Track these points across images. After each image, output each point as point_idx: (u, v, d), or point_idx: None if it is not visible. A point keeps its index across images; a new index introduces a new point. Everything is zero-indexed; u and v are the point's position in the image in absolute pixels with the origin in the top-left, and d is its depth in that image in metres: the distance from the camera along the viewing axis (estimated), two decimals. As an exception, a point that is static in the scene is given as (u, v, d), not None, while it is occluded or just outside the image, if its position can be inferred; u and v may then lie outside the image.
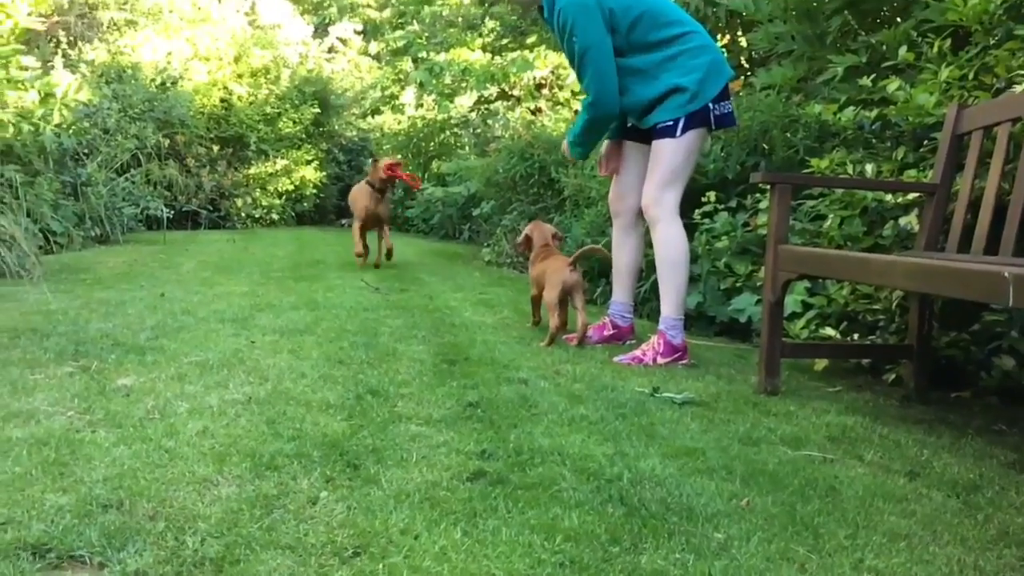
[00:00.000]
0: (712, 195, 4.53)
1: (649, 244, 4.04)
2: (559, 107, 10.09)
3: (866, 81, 3.90)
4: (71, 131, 7.12)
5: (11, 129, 6.37)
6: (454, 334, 3.98)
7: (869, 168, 3.67)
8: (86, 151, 7.65)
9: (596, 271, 5.46)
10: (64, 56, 9.02)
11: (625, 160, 4.03)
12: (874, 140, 4.02)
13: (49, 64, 7.84)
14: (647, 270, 4.59)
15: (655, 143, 3.70)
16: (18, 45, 6.82)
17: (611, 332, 4.05)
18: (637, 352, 3.66)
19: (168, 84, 10.11)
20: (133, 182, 8.80)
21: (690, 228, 4.69)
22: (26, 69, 6.93)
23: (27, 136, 6.55)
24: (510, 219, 7.84)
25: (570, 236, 5.88)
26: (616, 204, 4.06)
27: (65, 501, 1.78)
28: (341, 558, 1.60)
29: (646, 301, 4.75)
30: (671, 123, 3.63)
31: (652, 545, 1.73)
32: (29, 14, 7.39)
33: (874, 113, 3.88)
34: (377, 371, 3.15)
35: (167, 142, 10.00)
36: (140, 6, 10.88)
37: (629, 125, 3.97)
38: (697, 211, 4.51)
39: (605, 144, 4.10)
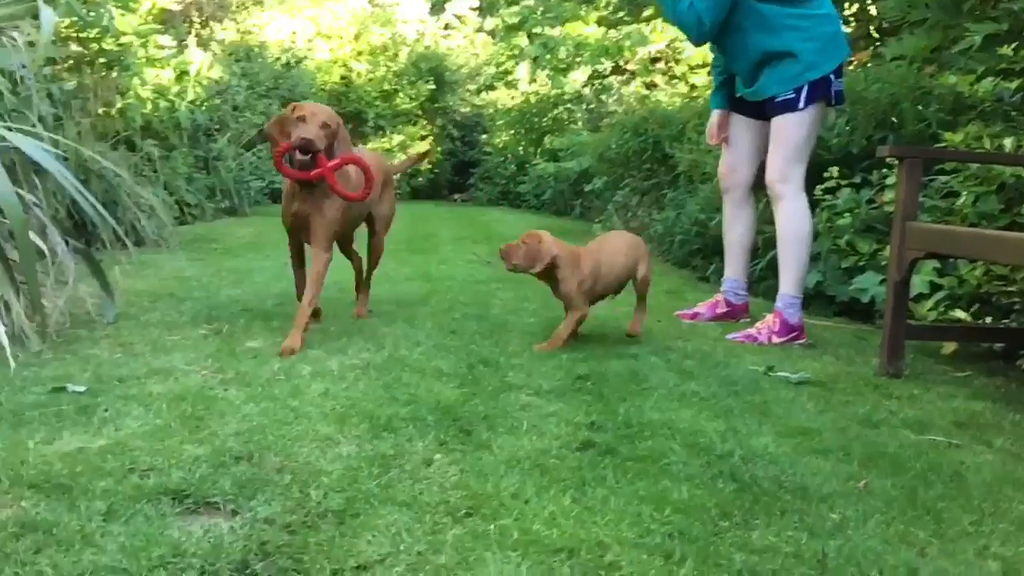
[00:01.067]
0: (835, 171, 4.36)
1: (768, 220, 3.94)
2: (675, 81, 9.91)
3: (1007, 50, 3.67)
4: (203, 107, 7.48)
5: (149, 105, 6.74)
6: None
7: (1008, 142, 3.46)
8: (216, 127, 8.02)
9: (709, 248, 5.37)
10: (197, 35, 9.46)
11: (734, 134, 3.95)
12: (1014, 112, 3.78)
13: (183, 43, 8.24)
14: (763, 247, 4.48)
15: (777, 119, 3.60)
16: (156, 25, 7.22)
17: (724, 310, 3.99)
18: (751, 330, 3.59)
19: (292, 63, 10.45)
20: (259, 157, 9.17)
21: (811, 204, 4.55)
22: (163, 48, 7.32)
23: (164, 112, 6.92)
24: (622, 195, 7.77)
25: (684, 213, 5.80)
26: (726, 179, 3.98)
27: (201, 452, 1.90)
28: (454, 517, 1.65)
29: (762, 279, 4.64)
30: (792, 95, 3.53)
31: (764, 522, 1.71)
32: (166, -5, 7.80)
33: (1015, 84, 3.66)
34: (488, 342, 3.21)
35: (290, 118, 10.35)
36: (267, -14, 11.29)
37: (738, 96, 3.88)
38: (819, 187, 4.36)
39: (715, 114, 4.02)
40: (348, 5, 12.71)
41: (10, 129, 3.33)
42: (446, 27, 15.82)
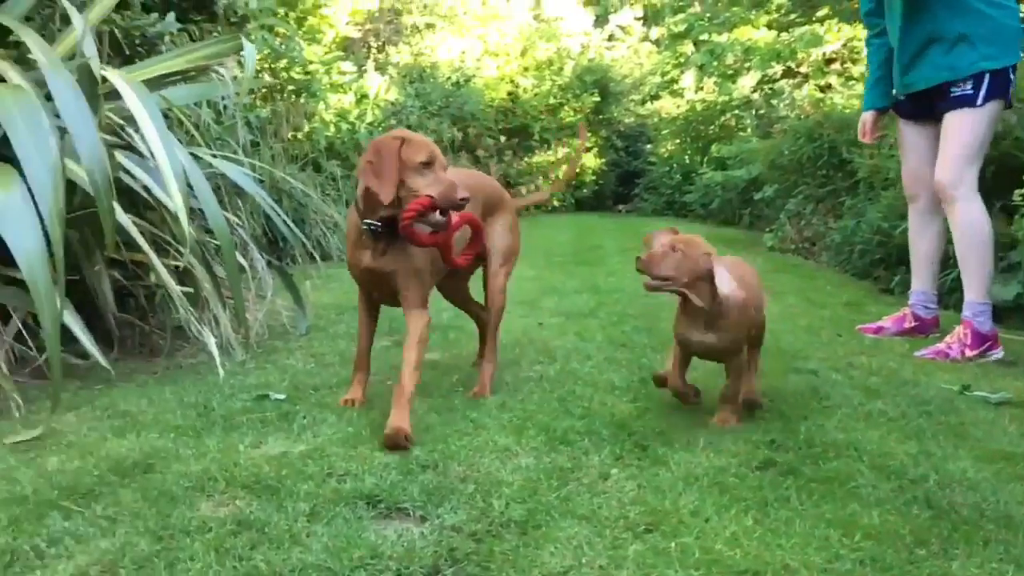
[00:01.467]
0: (1037, 174, 4.03)
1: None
2: (852, 83, 9.45)
3: None
4: (381, 128, 7.86)
5: (332, 128, 7.17)
6: (738, 321, 3.91)
7: None
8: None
9: (893, 258, 5.09)
10: (375, 60, 9.98)
11: (908, 141, 3.75)
12: None
13: (363, 68, 8.71)
14: (954, 256, 4.19)
15: (951, 115, 3.40)
16: (339, 52, 7.67)
17: (912, 324, 3.77)
18: (941, 345, 3.38)
19: (462, 82, 10.80)
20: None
21: (1010, 210, 4.23)
22: (345, 74, 7.77)
23: (345, 134, 7.34)
24: (795, 203, 7.51)
25: (864, 220, 5.53)
26: (912, 187, 3.77)
27: (390, 460, 2.01)
28: (634, 533, 1.66)
29: (953, 291, 4.34)
30: (971, 90, 3.33)
31: (964, 552, 1.62)
32: (347, 23, 8.28)
33: None
34: (659, 355, 3.19)
35: (460, 135, 10.69)
36: (438, 9, 11.72)
37: (899, 97, 3.69)
38: (1018, 191, 4.04)
39: (868, 114, 3.87)
40: (514, 22, 13.01)
41: (215, 156, 3.65)
42: (610, 38, 15.86)
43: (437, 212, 2.27)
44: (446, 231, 2.34)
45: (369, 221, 2.34)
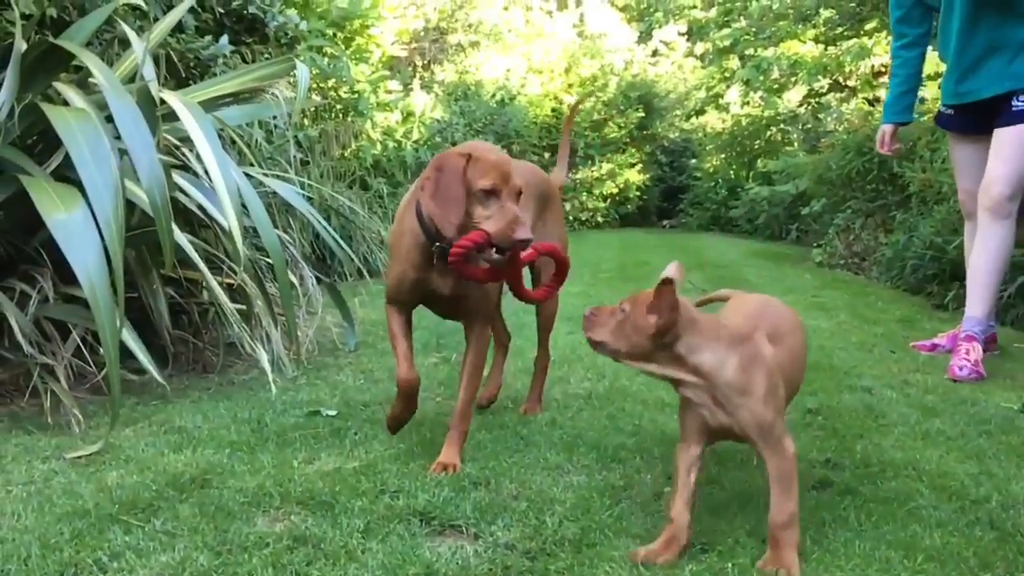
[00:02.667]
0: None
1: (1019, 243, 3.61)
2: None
3: None
4: (426, 146, 7.93)
5: (379, 147, 7.25)
6: (788, 338, 3.85)
7: None
8: (437, 164, 8.50)
9: (947, 273, 4.98)
10: (420, 78, 10.08)
11: (961, 157, 3.63)
12: None
13: (408, 87, 8.80)
14: (1012, 272, 4.09)
15: (1013, 129, 3.27)
16: (385, 71, 7.76)
17: None
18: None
19: (506, 99, 10.86)
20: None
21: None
22: (391, 92, 7.86)
23: (391, 152, 7.41)
24: (844, 217, 7.40)
25: (917, 235, 5.43)
26: (970, 204, 3.62)
27: (443, 477, 2.02)
28: (689, 553, 1.64)
29: (1010, 307, 4.24)
30: None
31: (1032, 576, 1.57)
32: (393, 43, 8.37)
33: None
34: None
35: (505, 152, 10.75)
36: (483, 28, 11.81)
37: (946, 110, 3.59)
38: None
39: (887, 127, 3.75)
40: (558, 40, 13.05)
41: (267, 175, 3.72)
42: (654, 54, 15.83)
43: (493, 249, 2.00)
44: (506, 268, 2.08)
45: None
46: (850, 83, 10.06)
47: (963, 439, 2.39)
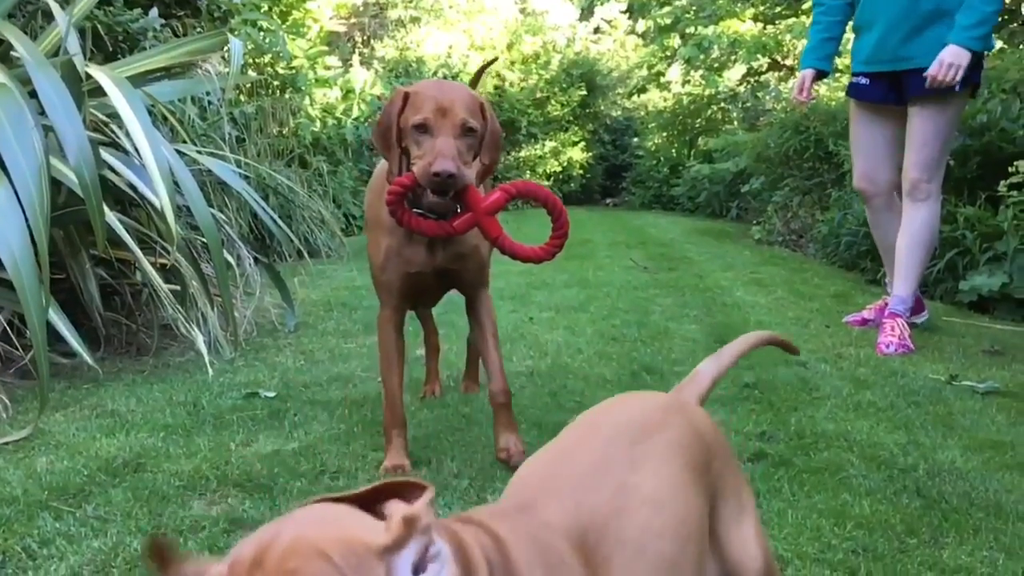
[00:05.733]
0: (1022, 164, 4.06)
1: (945, 219, 3.70)
2: (838, 75, 9.48)
3: None
4: (367, 123, 7.83)
5: (318, 124, 7.13)
6: (726, 313, 3.93)
7: None
8: (379, 141, 8.41)
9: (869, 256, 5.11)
10: (360, 54, 9.92)
11: (863, 134, 3.50)
12: None
13: (348, 63, 8.66)
14: (942, 247, 4.21)
15: (927, 104, 3.21)
16: (323, 47, 7.62)
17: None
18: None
19: (448, 77, 10.78)
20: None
21: (994, 201, 4.26)
22: (330, 68, 7.73)
23: (331, 129, 7.30)
24: (782, 195, 7.53)
25: (851, 213, 5.55)
26: (867, 186, 3.52)
27: (382, 456, 2.00)
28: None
29: (940, 281, 4.37)
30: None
31: (955, 540, 1.63)
32: (331, 18, 8.23)
33: None
34: (650, 349, 3.20)
35: (447, 130, 10.67)
36: (424, 3, 11.68)
37: (862, 83, 3.42)
38: (1003, 182, 4.07)
39: (809, 73, 3.55)
40: (500, 16, 12.98)
41: (200, 152, 3.63)
42: (596, 31, 15.84)
43: (428, 192, 1.80)
44: (458, 209, 1.85)
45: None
46: (788, 62, 10.20)
47: (893, 410, 2.47)
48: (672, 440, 1.00)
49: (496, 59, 11.24)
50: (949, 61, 3.07)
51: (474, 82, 2.73)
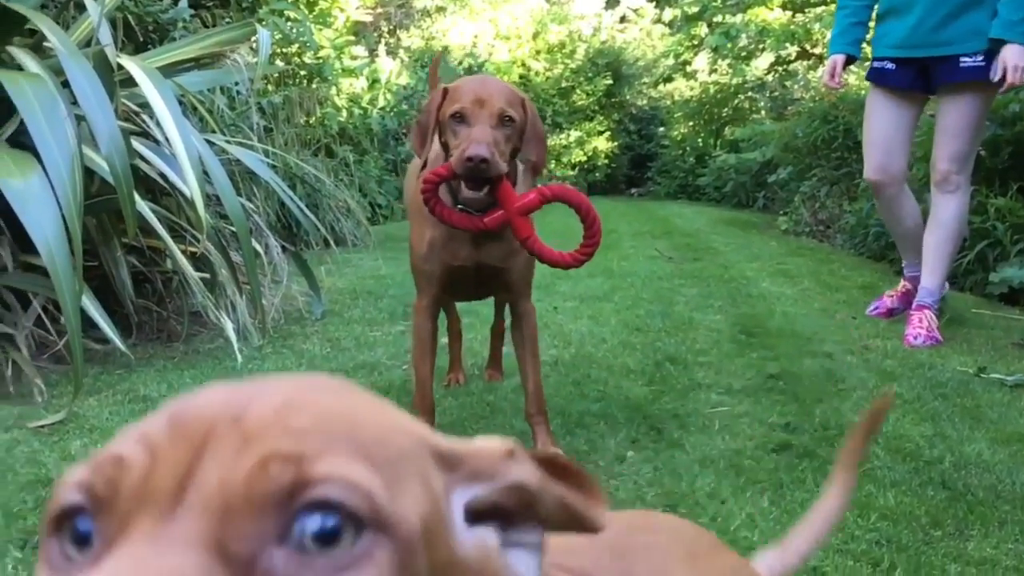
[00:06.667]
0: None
1: (974, 210, 3.65)
2: (867, 64, 9.38)
3: None
4: (393, 113, 7.86)
5: (344, 113, 7.17)
6: (751, 304, 3.91)
7: None
8: (404, 131, 8.41)
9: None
10: (386, 44, 9.95)
11: (879, 122, 3.40)
12: None
13: (374, 52, 8.69)
14: (971, 239, 4.16)
15: (962, 92, 3.13)
16: (350, 36, 7.66)
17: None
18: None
19: (474, 66, 10.78)
20: (443, 158, 9.50)
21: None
22: (356, 58, 7.76)
23: (357, 119, 7.34)
24: (809, 185, 7.47)
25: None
26: (882, 176, 3.39)
27: (407, 442, 2.03)
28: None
29: (969, 272, 4.32)
30: (982, 61, 3.06)
31: (980, 532, 1.62)
32: (358, 7, 8.25)
33: None
34: (674, 339, 3.20)
35: (472, 119, 10.68)
36: (449, -8, 11.70)
37: (888, 67, 3.33)
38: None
39: (839, 58, 3.48)
40: (526, 6, 12.95)
41: (229, 142, 3.67)
42: (622, 20, 15.76)
43: (464, 187, 1.81)
44: (492, 206, 1.83)
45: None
46: (817, 51, 10.09)
47: (919, 402, 2.45)
48: None
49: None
50: (1015, 63, 2.98)
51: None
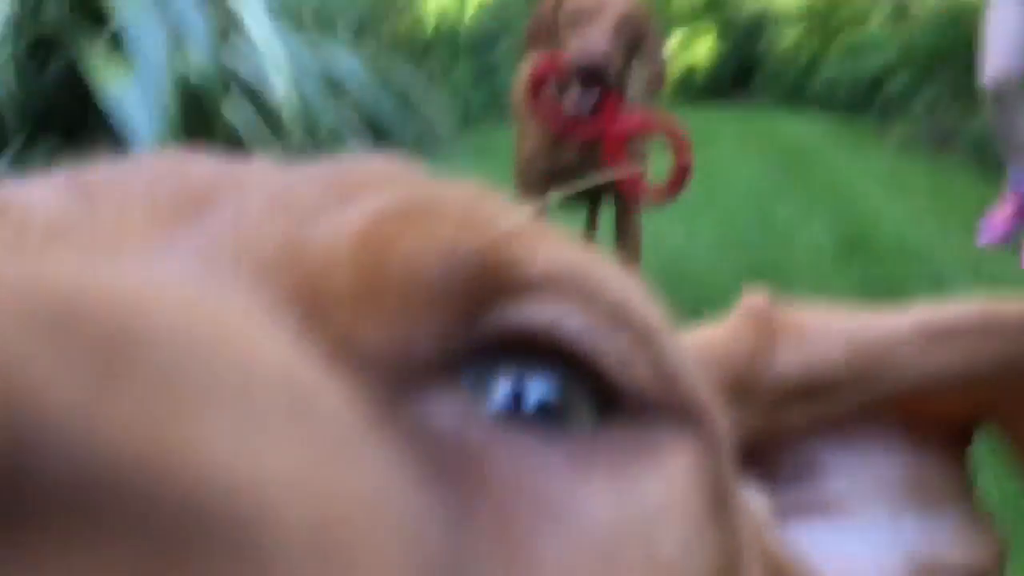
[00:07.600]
0: None
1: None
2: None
3: None
4: (489, 13, 7.70)
5: (437, 16, 7.06)
6: (858, 222, 3.72)
7: None
8: (498, 34, 8.28)
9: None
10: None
11: (1001, 22, 3.19)
12: None
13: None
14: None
15: None
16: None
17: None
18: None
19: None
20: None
21: None
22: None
23: (451, 18, 7.21)
24: (929, 94, 7.02)
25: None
26: (1003, 77, 3.19)
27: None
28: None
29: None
30: None
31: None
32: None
33: None
34: (774, 256, 3.09)
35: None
36: None
37: None
38: None
39: None
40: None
41: (320, 44, 3.63)
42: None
43: (571, 92, 1.72)
44: (592, 114, 1.72)
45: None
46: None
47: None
48: None
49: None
50: None
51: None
